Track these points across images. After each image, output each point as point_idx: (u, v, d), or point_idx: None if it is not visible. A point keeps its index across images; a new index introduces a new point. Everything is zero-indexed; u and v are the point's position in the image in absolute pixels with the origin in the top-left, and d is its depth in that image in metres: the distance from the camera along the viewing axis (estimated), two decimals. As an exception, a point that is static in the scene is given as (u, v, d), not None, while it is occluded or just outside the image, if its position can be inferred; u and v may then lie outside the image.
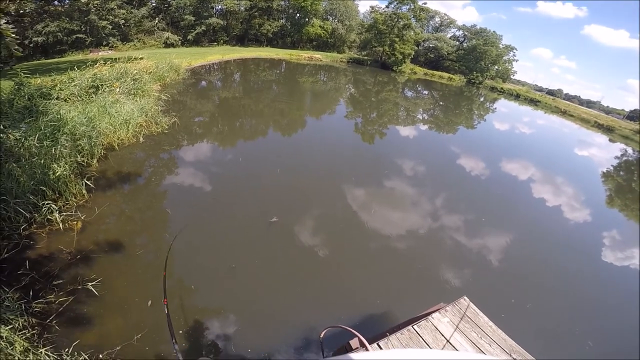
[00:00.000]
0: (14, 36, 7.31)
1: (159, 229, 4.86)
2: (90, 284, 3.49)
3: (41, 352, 2.74)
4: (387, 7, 37.62)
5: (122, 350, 3.05)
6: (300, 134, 11.06)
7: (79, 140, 5.82)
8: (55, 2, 18.48)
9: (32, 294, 3.28)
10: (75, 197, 4.87)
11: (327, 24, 38.66)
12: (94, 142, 6.11)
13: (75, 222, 4.42)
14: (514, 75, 51.58)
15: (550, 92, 69.81)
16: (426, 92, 30.90)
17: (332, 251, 5.13)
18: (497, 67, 45.80)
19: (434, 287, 4.88)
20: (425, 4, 38.10)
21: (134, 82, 9.80)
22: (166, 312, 1.73)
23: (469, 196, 8.68)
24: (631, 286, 6.60)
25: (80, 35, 23.61)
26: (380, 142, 12.12)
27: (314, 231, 5.49)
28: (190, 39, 29.67)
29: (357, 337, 1.62)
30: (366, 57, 39.30)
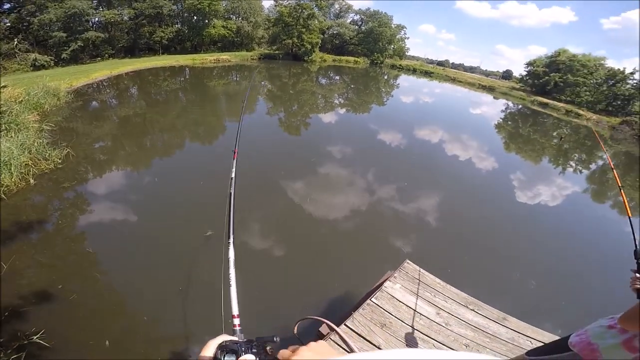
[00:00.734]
0: None
1: (88, 271, 4.29)
2: (35, 337, 3.22)
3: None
4: (289, -1, 37.69)
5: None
6: (220, 140, 10.47)
7: None
8: None
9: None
10: None
11: (231, 23, 36.84)
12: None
13: None
14: (408, 51, 57.04)
15: (440, 64, 79.24)
16: (337, 77, 32.17)
17: (281, 247, 5.08)
18: (393, 46, 49.88)
19: (381, 258, 5.12)
20: (324, -8, 39.19)
21: (1, 115, 8.01)
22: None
23: (393, 167, 9.39)
24: (547, 220, 7.82)
25: None
26: (305, 132, 12.24)
27: (256, 233, 5.33)
28: (65, 57, 25.26)
29: (325, 322, 1.63)
30: (277, 51, 38.94)
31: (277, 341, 0.68)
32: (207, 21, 35.15)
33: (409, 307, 3.01)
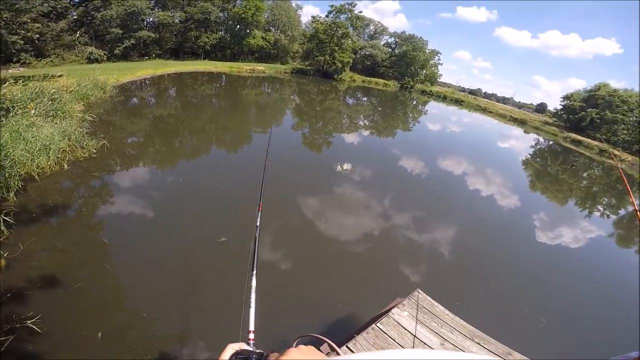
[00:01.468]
0: None
1: (98, 261, 4.47)
2: (29, 322, 3.27)
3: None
4: (326, 16, 39.00)
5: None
6: (246, 149, 10.86)
7: None
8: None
9: (-37, 337, 2.95)
10: None
11: (270, 35, 38.55)
12: (8, 173, 5.34)
13: None
14: (440, 78, 56.74)
15: (471, 92, 78.26)
16: (365, 98, 32.54)
17: (289, 262, 5.12)
18: (425, 71, 49.88)
19: (390, 284, 5.10)
20: (361, 12, 40.18)
21: (52, 102, 8.74)
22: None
23: (412, 195, 9.32)
24: (566, 261, 7.56)
25: None
26: (327, 150, 12.42)
27: (267, 245, 5.42)
28: (117, 53, 27.30)
29: (326, 342, 1.66)
30: (309, 67, 40.07)
31: None
32: (248, 31, 36.91)
33: (415, 335, 3.01)
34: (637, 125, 34.86)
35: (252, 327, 1.15)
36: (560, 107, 43.85)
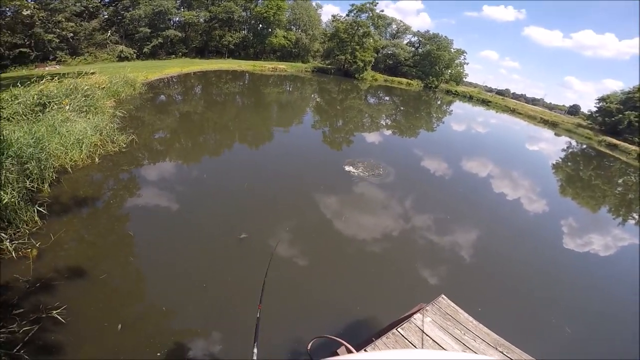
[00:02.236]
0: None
1: (123, 253, 4.61)
2: (55, 312, 3.35)
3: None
4: (347, 15, 38.73)
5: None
6: (267, 146, 10.94)
7: (27, 163, 5.32)
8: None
9: (-9, 325, 3.07)
10: (27, 225, 4.51)
11: (291, 34, 38.94)
12: (44, 165, 5.61)
13: (29, 250, 4.12)
14: (466, 77, 55.03)
15: (499, 92, 75.27)
16: (387, 97, 32.07)
17: (308, 261, 5.08)
18: (450, 71, 48.57)
19: (411, 288, 4.97)
20: (382, 11, 39.79)
21: (85, 98, 9.16)
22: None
23: (434, 196, 9.05)
24: (594, 270, 7.18)
25: (23, 49, 21.77)
26: (347, 149, 12.31)
27: (286, 243, 5.41)
28: (146, 51, 28.44)
29: (344, 345, 1.60)
30: (330, 66, 40.04)
31: None
32: (270, 30, 37.37)
33: (435, 342, 2.90)
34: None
35: None
36: (595, 109, 41.23)
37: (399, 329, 2.93)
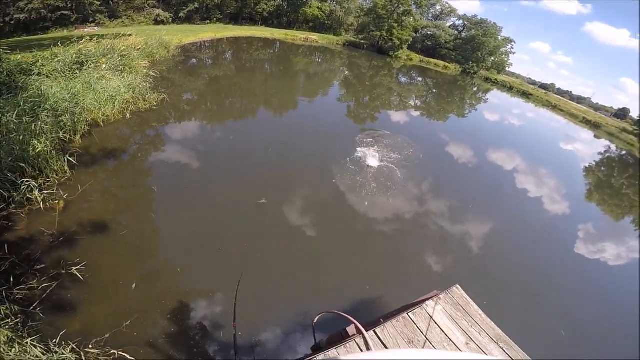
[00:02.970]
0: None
1: (144, 208, 4.78)
2: (74, 269, 3.35)
3: (27, 342, 2.57)
4: (388, -9, 36.68)
5: (111, 337, 2.93)
6: (292, 115, 11.03)
7: (61, 116, 5.68)
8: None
9: (12, 280, 3.10)
10: (56, 174, 4.72)
11: (325, 6, 37.63)
12: (77, 118, 5.97)
13: (57, 202, 4.20)
14: (509, 67, 51.36)
15: (543, 86, 69.74)
16: (420, 79, 30.73)
17: (322, 234, 5.19)
18: (493, 59, 45.39)
19: (421, 274, 5.01)
20: (427, -10, 37.28)
21: (121, 58, 9.55)
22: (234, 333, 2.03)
23: (455, 183, 8.90)
24: (600, 278, 7.01)
25: (65, 12, 22.63)
26: (371, 125, 12.15)
27: (303, 214, 5.52)
28: (182, 16, 28.61)
29: (354, 323, 1.61)
30: (363, 41, 38.53)
31: None
32: (305, 0, 36.23)
33: (442, 330, 3.00)
34: None
35: None
36: (645, 115, 37.52)
37: (410, 314, 2.99)
